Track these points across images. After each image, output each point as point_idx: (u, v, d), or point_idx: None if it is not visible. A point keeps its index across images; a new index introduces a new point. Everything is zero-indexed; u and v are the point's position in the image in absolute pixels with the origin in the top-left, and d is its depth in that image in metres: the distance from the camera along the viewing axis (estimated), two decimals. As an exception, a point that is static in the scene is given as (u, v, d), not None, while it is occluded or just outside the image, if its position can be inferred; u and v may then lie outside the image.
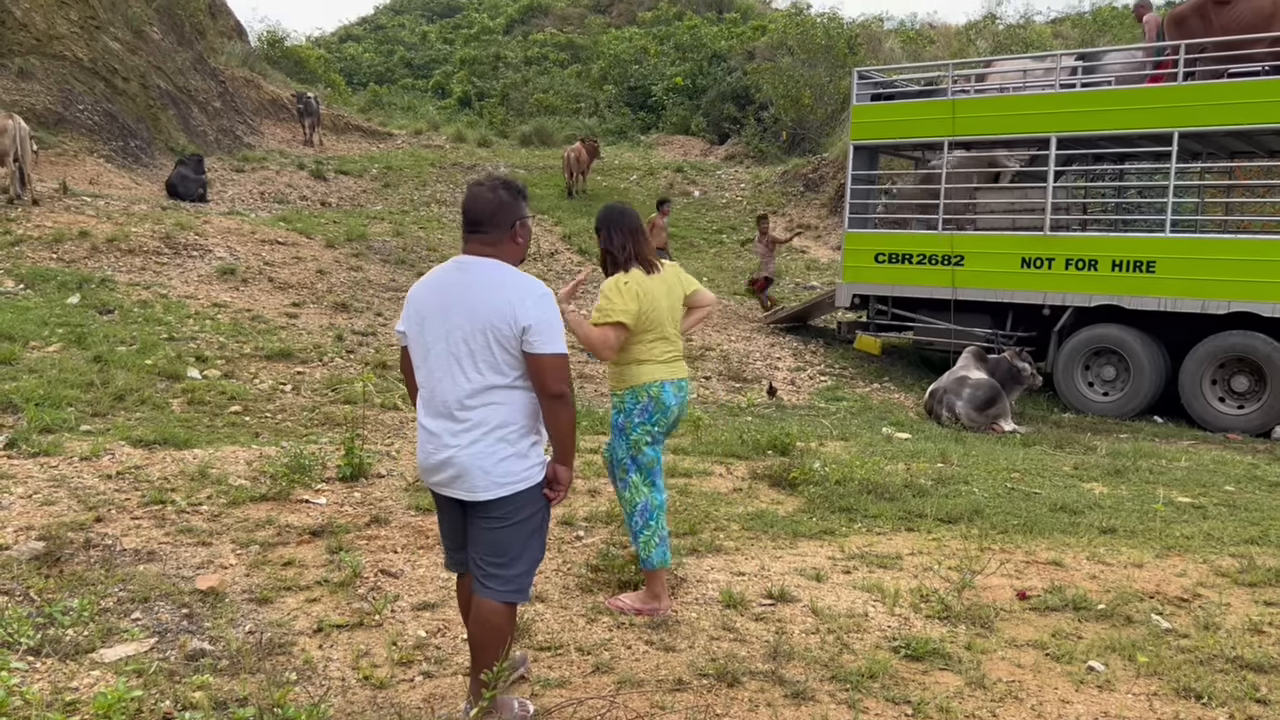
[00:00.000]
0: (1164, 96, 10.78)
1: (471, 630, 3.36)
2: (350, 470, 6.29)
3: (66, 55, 19.44)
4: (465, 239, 3.35)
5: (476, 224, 3.31)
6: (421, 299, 3.32)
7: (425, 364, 3.29)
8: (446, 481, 3.27)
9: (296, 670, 3.71)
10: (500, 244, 3.31)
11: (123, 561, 4.68)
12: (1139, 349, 11.01)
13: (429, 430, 3.28)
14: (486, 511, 3.25)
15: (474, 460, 3.20)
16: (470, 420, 3.21)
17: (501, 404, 3.22)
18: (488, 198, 3.31)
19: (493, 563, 3.28)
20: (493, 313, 3.17)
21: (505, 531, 3.27)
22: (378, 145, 26.84)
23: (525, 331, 3.16)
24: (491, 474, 3.21)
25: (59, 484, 5.76)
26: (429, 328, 3.27)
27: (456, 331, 3.20)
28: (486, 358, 3.19)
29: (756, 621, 4.36)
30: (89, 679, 3.54)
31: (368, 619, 4.18)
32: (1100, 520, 6.28)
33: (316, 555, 4.95)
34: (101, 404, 7.86)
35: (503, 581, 3.28)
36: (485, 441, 3.21)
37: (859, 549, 5.53)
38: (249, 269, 13.20)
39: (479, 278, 3.25)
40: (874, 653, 4.04)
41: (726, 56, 29.92)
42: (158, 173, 19.17)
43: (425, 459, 3.31)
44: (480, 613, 3.30)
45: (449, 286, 3.28)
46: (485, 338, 3.18)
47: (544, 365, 3.19)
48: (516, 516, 3.27)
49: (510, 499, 3.24)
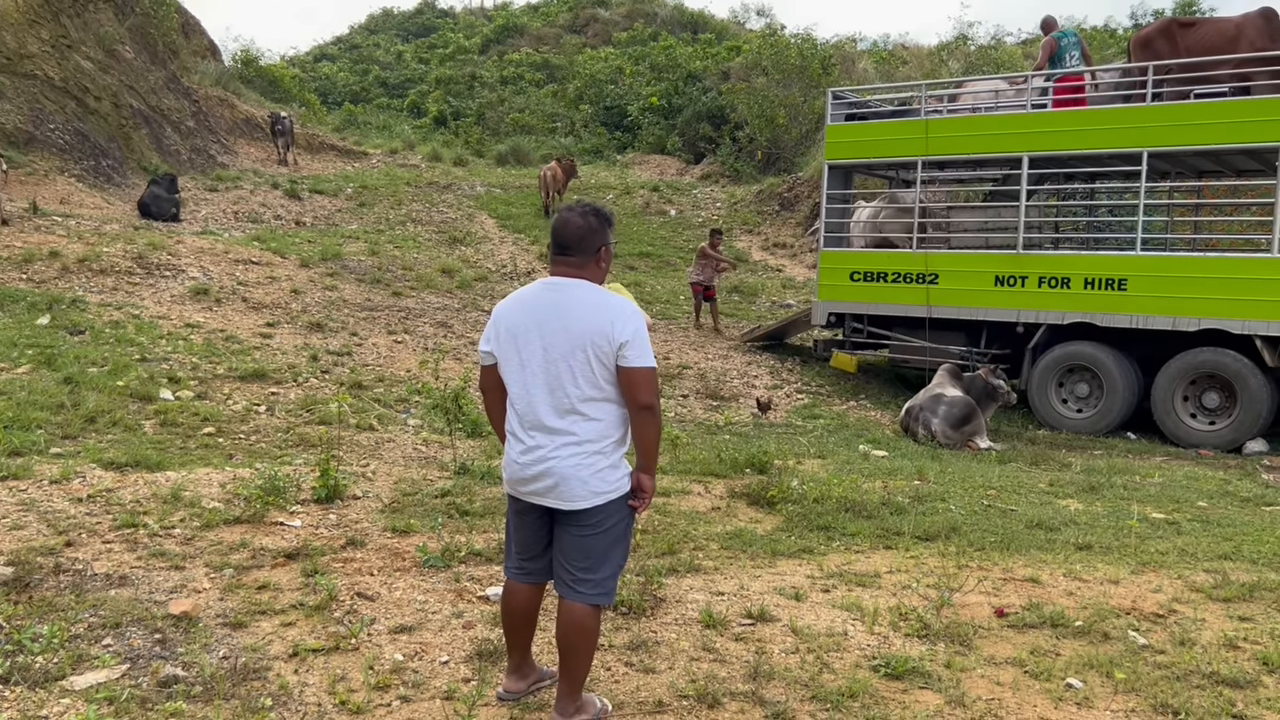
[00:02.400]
0: (1134, 117, 10.92)
1: (562, 634, 3.51)
2: (325, 492, 6.23)
3: (37, 74, 19.30)
4: (553, 261, 3.54)
5: (565, 248, 3.50)
6: (512, 318, 3.50)
7: (520, 379, 3.45)
8: (542, 491, 3.43)
9: (271, 696, 3.65)
10: (586, 266, 3.51)
11: (93, 586, 4.61)
12: (1112, 366, 11.11)
13: (524, 443, 3.45)
14: (580, 520, 3.43)
15: (573, 471, 3.37)
16: (569, 432, 3.39)
17: (598, 418, 3.40)
18: (578, 223, 3.50)
19: (582, 568, 3.45)
20: (593, 330, 3.34)
21: (596, 539, 3.45)
22: (353, 164, 26.77)
23: (622, 347, 3.34)
24: (589, 484, 3.38)
25: (28, 508, 5.67)
26: (524, 345, 3.44)
27: (555, 348, 3.38)
28: (585, 373, 3.36)
29: (736, 641, 4.35)
30: (58, 707, 3.48)
31: (344, 643, 4.13)
32: (1076, 537, 6.31)
33: (292, 578, 4.90)
34: (72, 426, 7.77)
35: (591, 585, 3.45)
36: (583, 453, 3.38)
37: (837, 567, 5.53)
38: (222, 289, 13.12)
39: (575, 298, 3.43)
40: (854, 672, 4.03)
41: (701, 76, 30.07)
42: (130, 192, 19.03)
43: (520, 470, 3.47)
44: (571, 617, 3.47)
45: (544, 306, 3.45)
46: (585, 354, 3.35)
47: (637, 378, 3.37)
48: (606, 524, 3.45)
49: (603, 508, 3.42)
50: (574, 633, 3.47)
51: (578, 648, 3.48)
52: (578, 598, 3.46)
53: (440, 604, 4.66)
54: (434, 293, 15.21)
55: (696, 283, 15.59)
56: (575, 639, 3.47)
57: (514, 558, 3.67)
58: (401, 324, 13.31)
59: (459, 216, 21.18)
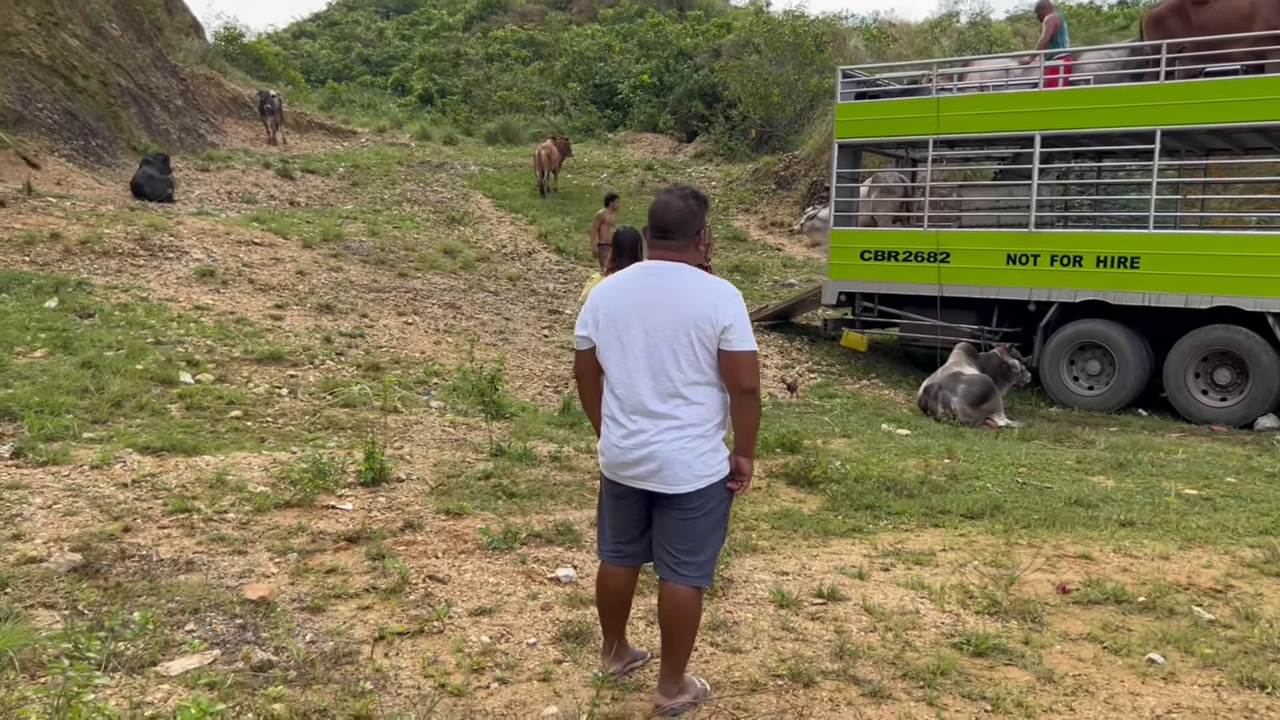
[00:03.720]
0: (1147, 95, 10.96)
1: (665, 616, 3.51)
2: (372, 475, 6.22)
3: (24, 52, 18.98)
4: (652, 244, 3.51)
5: (666, 231, 3.47)
6: (611, 302, 3.47)
7: (622, 364, 3.43)
8: (644, 475, 3.42)
9: (369, 679, 3.66)
10: (686, 250, 3.49)
11: (162, 572, 4.58)
12: (1124, 343, 11.19)
13: (626, 427, 3.43)
14: (682, 504, 3.42)
15: (676, 454, 3.35)
16: (672, 416, 3.36)
17: (701, 401, 3.38)
18: (678, 206, 3.47)
19: (684, 550, 3.45)
20: (696, 314, 3.32)
21: (697, 522, 3.43)
22: (342, 143, 26.52)
23: (725, 330, 3.31)
24: (692, 467, 3.36)
25: (76, 494, 5.63)
26: (625, 329, 3.41)
27: (659, 332, 3.36)
28: (689, 356, 3.34)
29: (813, 621, 4.38)
30: (159, 693, 3.46)
31: (428, 626, 4.13)
32: (1117, 513, 6.38)
33: (357, 562, 4.89)
34: (100, 410, 7.68)
35: (693, 568, 3.45)
36: (686, 436, 3.36)
37: (891, 546, 5.57)
38: (228, 270, 12.99)
39: (677, 281, 3.40)
40: (936, 650, 4.07)
41: (692, 54, 29.94)
42: (120, 172, 18.78)
43: (621, 454, 3.44)
44: (674, 598, 3.47)
45: (645, 290, 3.43)
46: (689, 338, 3.33)
47: (739, 361, 3.34)
48: (707, 507, 3.44)
49: (704, 491, 3.40)
50: (677, 615, 3.48)
51: (681, 630, 3.49)
52: (680, 580, 3.47)
53: (512, 586, 4.66)
54: (438, 273, 15.13)
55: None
56: (679, 621, 3.49)
57: (609, 541, 3.67)
58: (410, 305, 13.24)
59: (454, 196, 21.04)
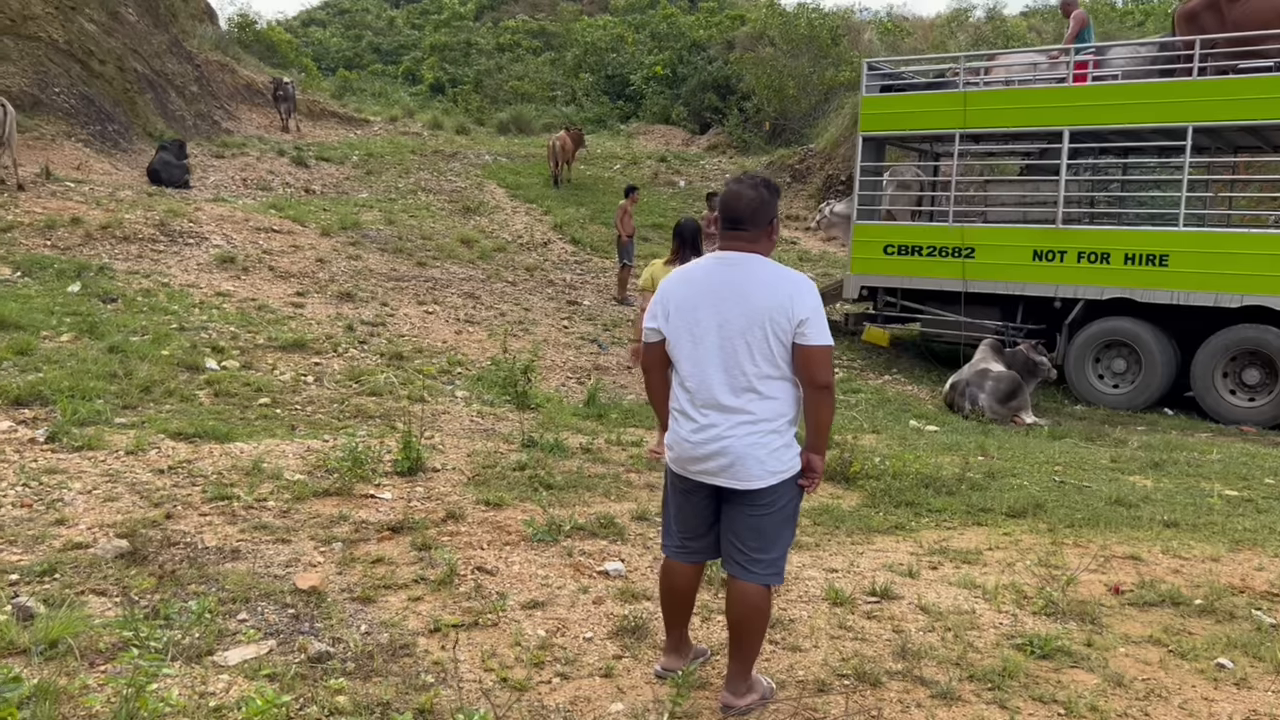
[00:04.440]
0: (1179, 91, 10.87)
1: (734, 614, 3.44)
2: (408, 465, 6.16)
3: (42, 36, 18.91)
4: (724, 235, 3.41)
5: (738, 221, 3.38)
6: (683, 294, 3.40)
7: (693, 356, 3.36)
8: (716, 470, 3.34)
9: (429, 672, 3.60)
10: (758, 240, 3.39)
11: (208, 560, 4.53)
12: (1151, 342, 11.12)
13: (697, 421, 3.36)
14: (753, 500, 3.34)
15: (749, 450, 3.28)
16: (746, 411, 3.29)
17: (774, 396, 3.31)
18: (750, 195, 3.38)
19: (754, 547, 3.38)
20: (772, 306, 3.24)
21: (768, 518, 3.37)
22: (355, 131, 26.44)
23: (801, 324, 3.24)
24: (765, 463, 3.29)
25: (114, 479, 5.58)
26: (697, 321, 3.34)
27: (732, 324, 3.28)
28: (763, 350, 3.27)
29: (869, 619, 4.32)
30: (220, 683, 3.41)
31: (482, 618, 4.07)
32: (1159, 514, 6.32)
33: (402, 552, 4.83)
34: (130, 396, 7.63)
35: (764, 565, 3.39)
36: (760, 431, 3.29)
37: (936, 544, 5.51)
38: (248, 257, 12.94)
39: (752, 273, 3.32)
40: (998, 651, 4.01)
41: (706, 46, 29.82)
42: (137, 158, 18.71)
43: (692, 449, 3.37)
44: (744, 596, 3.41)
45: (718, 282, 3.35)
46: (763, 330, 3.25)
47: (815, 356, 3.27)
48: (779, 504, 3.37)
49: (776, 488, 3.34)
50: (747, 613, 3.42)
51: (751, 628, 3.43)
52: (751, 578, 3.40)
53: (562, 579, 4.60)
54: (456, 263, 15.06)
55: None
56: (748, 619, 3.42)
57: (675, 536, 3.60)
58: (430, 294, 13.18)
59: (468, 185, 20.96)
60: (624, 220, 15.31)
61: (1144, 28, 25.63)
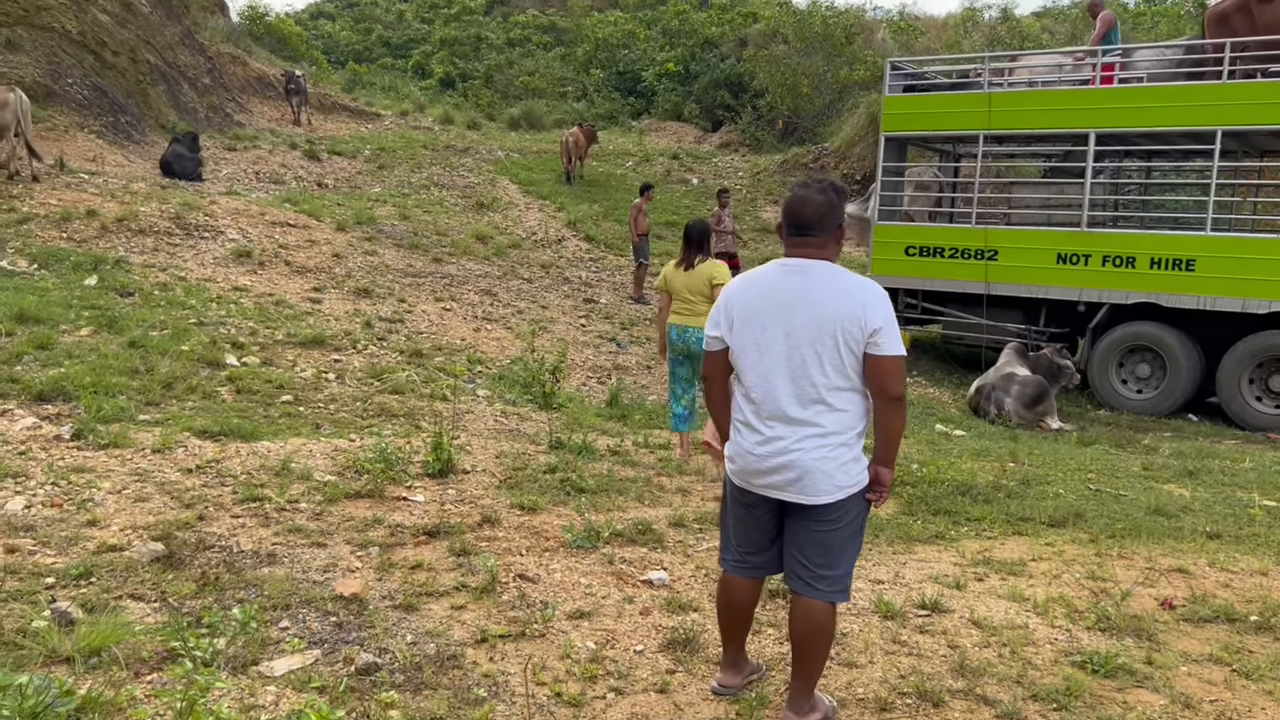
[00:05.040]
0: (1209, 94, 10.76)
1: (798, 632, 3.35)
2: (439, 466, 6.06)
3: (55, 27, 18.81)
4: (791, 241, 3.30)
5: (806, 227, 3.27)
6: (748, 302, 3.29)
7: (758, 367, 3.25)
8: (782, 484, 3.24)
9: (481, 686, 3.51)
10: (827, 246, 3.29)
11: (245, 564, 4.43)
12: (1176, 347, 11.01)
13: (762, 433, 3.25)
14: (820, 515, 3.24)
15: (818, 464, 3.18)
16: (814, 424, 3.20)
17: (844, 408, 3.21)
18: (818, 200, 3.27)
19: (820, 563, 3.29)
20: (844, 315, 3.13)
21: (835, 534, 3.27)
22: (366, 125, 26.32)
23: (874, 334, 3.13)
24: (833, 477, 3.20)
25: (143, 479, 5.49)
26: (763, 330, 3.23)
27: (800, 334, 3.17)
28: (834, 360, 3.16)
29: (922, 634, 4.22)
30: (269, 695, 3.32)
31: (529, 629, 3.98)
32: (1200, 525, 6.21)
33: (440, 557, 4.74)
34: (153, 392, 7.54)
35: (830, 582, 3.29)
36: (829, 445, 3.20)
37: (979, 555, 5.41)
38: (264, 252, 12.85)
39: (822, 281, 3.21)
40: (1058, 668, 3.92)
41: (718, 43, 29.68)
42: (149, 150, 18.63)
43: (757, 462, 3.26)
44: (809, 614, 3.31)
45: (786, 290, 3.24)
46: (834, 340, 3.14)
47: (888, 367, 3.17)
48: (846, 518, 3.27)
49: (844, 502, 3.24)
50: (812, 631, 3.32)
51: (815, 646, 3.33)
52: (816, 595, 3.30)
53: (605, 588, 4.50)
54: (472, 259, 14.98)
55: (724, 253, 15.37)
56: (813, 638, 3.32)
57: (735, 550, 3.50)
58: (447, 291, 13.09)
59: (480, 181, 20.85)
60: (638, 219, 15.19)
61: (1157, 32, 25.45)
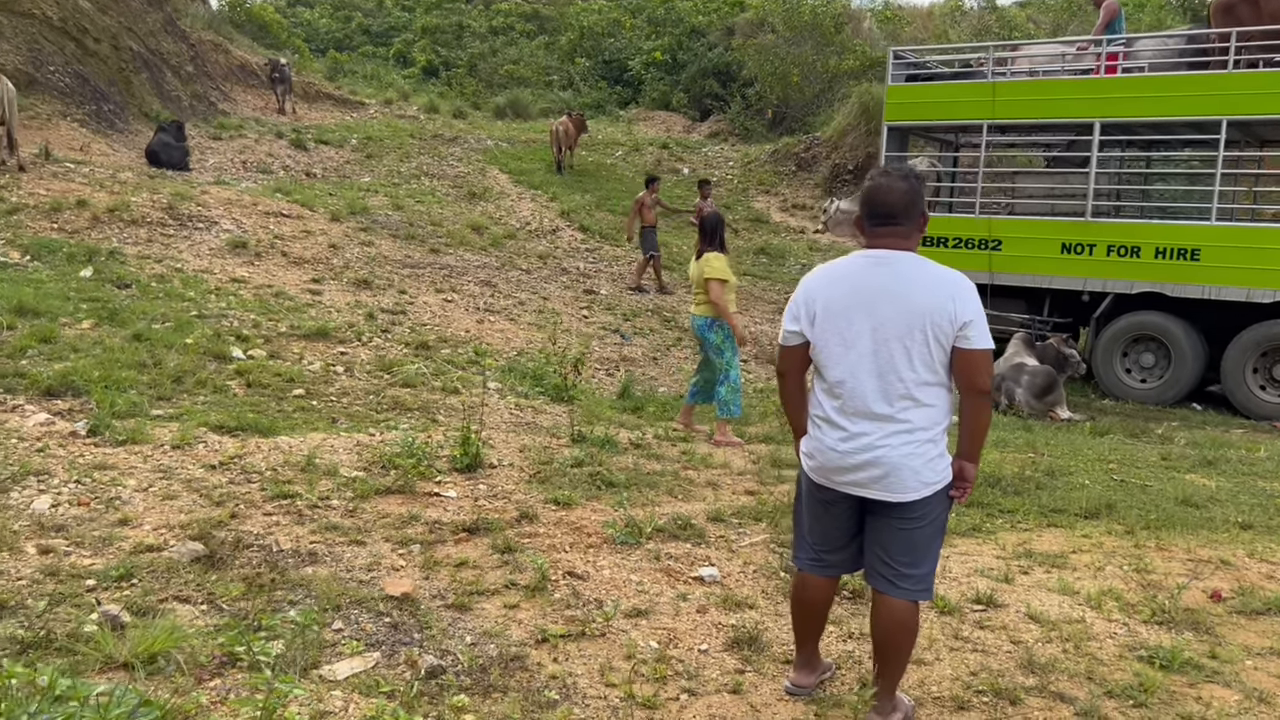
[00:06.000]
0: (1215, 84, 10.75)
1: (882, 633, 3.28)
2: (468, 461, 5.96)
3: (35, 13, 18.47)
4: (873, 232, 3.20)
5: (890, 216, 3.17)
6: (832, 295, 3.19)
7: (843, 363, 3.16)
8: (866, 482, 3.15)
9: (549, 687, 3.42)
10: (910, 236, 3.19)
11: (287, 564, 4.32)
12: (1180, 337, 11.03)
13: (846, 430, 3.16)
14: (906, 512, 3.16)
15: (904, 460, 3.10)
16: (902, 420, 3.11)
17: (931, 404, 3.13)
18: (901, 188, 3.16)
19: (904, 562, 3.21)
20: (934, 309, 3.05)
21: (920, 531, 3.20)
22: (351, 114, 26.06)
23: (964, 327, 3.05)
24: (921, 474, 3.12)
25: (167, 476, 5.36)
26: (849, 324, 3.13)
27: (888, 329, 3.07)
28: (923, 355, 3.07)
29: (982, 630, 4.17)
30: (336, 701, 3.22)
31: (588, 628, 3.89)
32: (1230, 515, 6.20)
33: (484, 555, 4.64)
34: (164, 387, 7.37)
35: (914, 581, 3.22)
36: (916, 441, 3.11)
37: (1019, 547, 5.37)
38: (260, 243, 12.66)
39: (907, 272, 3.11)
40: (1125, 663, 3.87)
41: (705, 32, 29.55)
42: (133, 139, 18.34)
43: (840, 459, 3.18)
44: (893, 613, 3.24)
45: (872, 282, 3.14)
46: (924, 334, 3.05)
47: (977, 361, 3.10)
48: (931, 516, 3.20)
49: (930, 499, 3.16)
50: (895, 631, 3.25)
51: (899, 647, 3.26)
52: (900, 594, 3.22)
53: (657, 585, 4.43)
54: (469, 250, 14.83)
55: None
56: (897, 638, 3.26)
57: (810, 549, 3.43)
58: (447, 282, 12.95)
59: (470, 171, 20.68)
60: (642, 211, 15.09)
61: (1141, 21, 25.51)
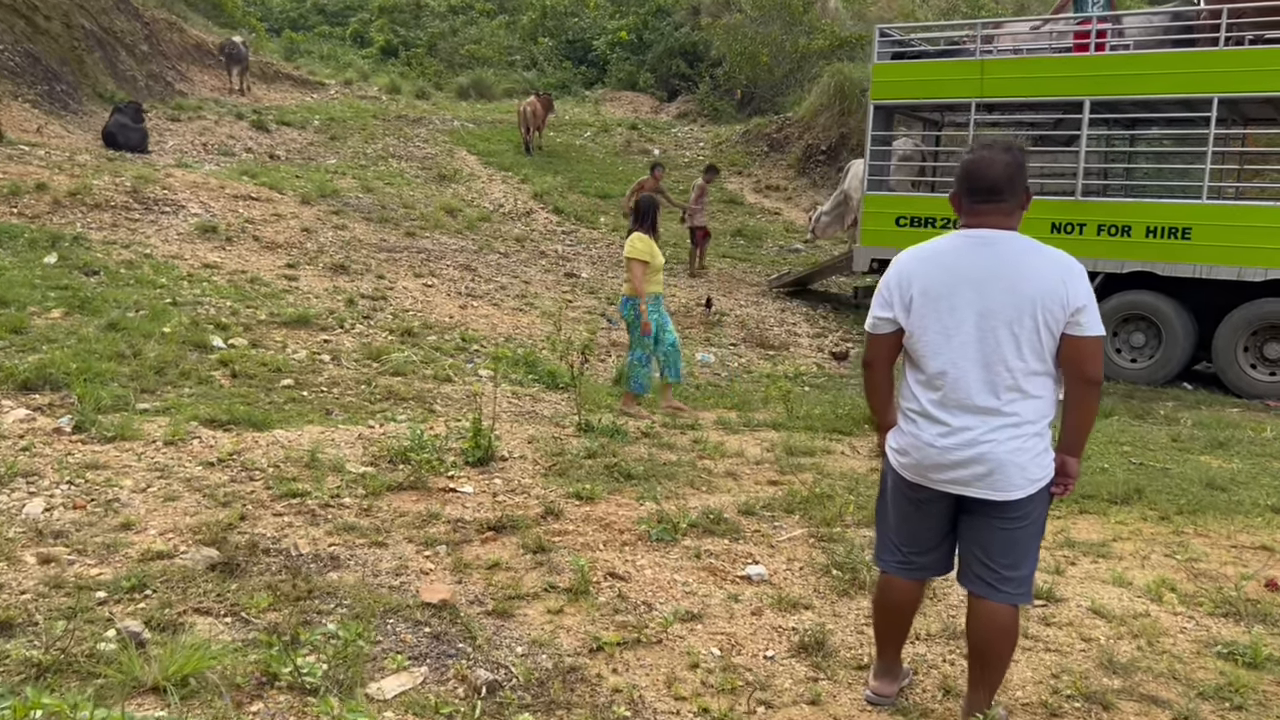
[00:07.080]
0: (1206, 61, 10.66)
1: (981, 639, 3.07)
2: (479, 454, 5.69)
3: (-18, -11, 17.79)
4: (974, 209, 2.98)
5: (994, 192, 2.95)
6: (930, 279, 2.96)
7: (944, 352, 2.93)
8: (968, 479, 2.93)
9: (615, 701, 3.18)
10: (1014, 214, 2.97)
11: (309, 570, 4.04)
12: (1171, 316, 10.97)
13: (947, 424, 2.94)
14: (1009, 511, 2.96)
15: (1011, 456, 2.89)
16: (1009, 413, 2.90)
17: (1039, 395, 2.93)
18: (1004, 160, 2.95)
19: (1006, 564, 3.01)
20: (1044, 292, 2.84)
21: (1023, 530, 3.00)
22: (310, 95, 25.42)
23: (1077, 313, 2.84)
24: (1026, 470, 2.91)
25: (165, 475, 5.04)
26: (949, 310, 2.91)
27: (996, 315, 2.86)
28: (1032, 343, 2.86)
29: (1049, 626, 3.99)
30: (393, 725, 2.96)
31: (643, 635, 3.65)
32: (1258, 498, 6.08)
33: (515, 555, 4.38)
34: (145, 379, 7.01)
35: (1015, 584, 3.02)
36: (1023, 435, 2.90)
37: (1057, 536, 5.21)
38: (230, 227, 12.22)
39: (1014, 254, 2.90)
40: (1205, 660, 3.71)
41: (670, 11, 29.20)
42: (88, 120, 17.73)
43: (939, 455, 2.95)
44: (994, 619, 3.03)
45: (977, 264, 2.92)
46: (1034, 321, 2.85)
47: (1089, 348, 2.89)
48: (1035, 514, 3.01)
49: (1034, 496, 2.96)
50: (996, 637, 3.04)
51: (1000, 653, 3.05)
52: (1001, 598, 3.01)
53: (704, 586, 4.19)
54: (444, 233, 14.46)
55: (701, 226, 15.11)
56: (999, 645, 3.04)
57: (896, 550, 3.20)
58: (425, 266, 12.59)
59: (438, 152, 20.21)
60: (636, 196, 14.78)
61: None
